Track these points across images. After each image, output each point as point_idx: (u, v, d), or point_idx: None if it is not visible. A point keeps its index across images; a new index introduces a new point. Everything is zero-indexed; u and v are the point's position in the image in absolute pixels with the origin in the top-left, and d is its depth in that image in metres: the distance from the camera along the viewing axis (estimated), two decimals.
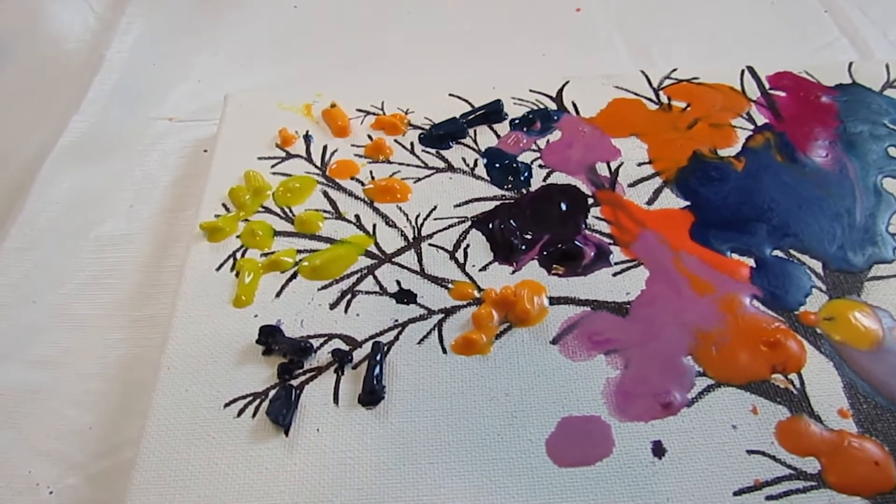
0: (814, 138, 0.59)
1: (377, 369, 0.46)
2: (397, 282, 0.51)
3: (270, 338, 0.47)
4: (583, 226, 0.53)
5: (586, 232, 0.53)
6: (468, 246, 0.53)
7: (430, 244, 0.53)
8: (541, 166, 0.58)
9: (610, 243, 0.52)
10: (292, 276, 0.51)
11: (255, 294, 0.50)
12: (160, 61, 0.76)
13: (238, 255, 0.53)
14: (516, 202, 0.55)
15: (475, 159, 0.59)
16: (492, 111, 0.62)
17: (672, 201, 0.55)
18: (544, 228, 0.53)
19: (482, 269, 0.51)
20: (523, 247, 0.52)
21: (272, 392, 0.45)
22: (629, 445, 0.42)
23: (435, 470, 0.41)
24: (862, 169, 0.56)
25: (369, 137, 0.61)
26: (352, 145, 0.61)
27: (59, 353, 0.51)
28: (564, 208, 0.55)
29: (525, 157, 0.59)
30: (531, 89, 0.64)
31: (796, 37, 0.75)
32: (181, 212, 0.60)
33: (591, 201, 0.55)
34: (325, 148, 0.61)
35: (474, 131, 0.61)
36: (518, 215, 0.54)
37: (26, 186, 0.62)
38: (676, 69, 0.65)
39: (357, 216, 0.55)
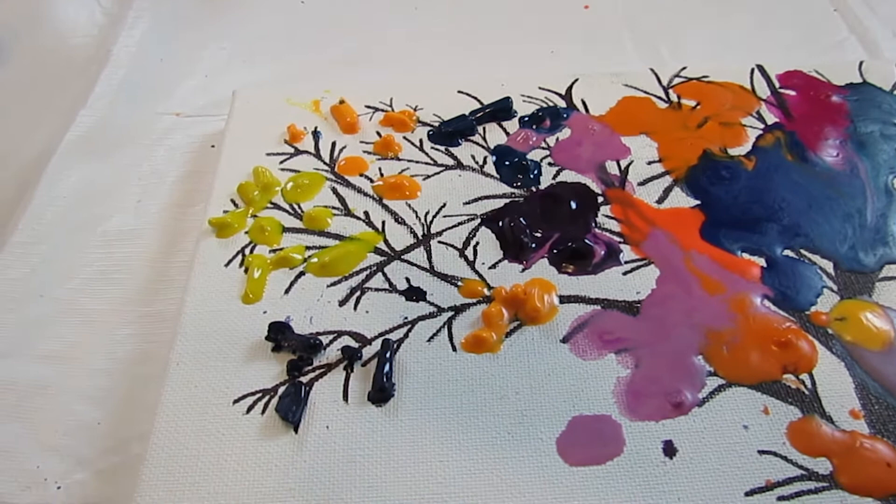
0: (824, 138, 0.59)
1: (387, 367, 0.45)
2: (407, 279, 0.51)
3: (280, 334, 0.47)
4: (593, 224, 0.53)
5: (596, 230, 0.53)
6: (478, 244, 0.52)
7: (440, 241, 0.53)
8: (550, 164, 0.58)
9: (620, 242, 0.52)
10: (301, 273, 0.51)
11: (264, 290, 0.50)
12: (167, 56, 0.76)
13: (247, 251, 0.53)
14: (526, 200, 0.55)
15: (484, 157, 0.59)
16: (501, 108, 0.62)
17: (682, 200, 0.54)
18: (554, 227, 0.53)
19: (492, 267, 0.51)
20: (533, 245, 0.52)
21: (281, 389, 0.45)
22: (640, 445, 0.42)
23: (444, 468, 0.41)
24: (873, 169, 0.56)
25: (378, 134, 0.61)
26: (360, 142, 0.61)
27: (66, 348, 0.51)
28: (574, 206, 0.55)
29: (535, 155, 0.58)
30: (540, 86, 0.64)
31: (805, 35, 0.74)
32: (189, 207, 0.60)
33: (601, 200, 0.55)
34: (333, 144, 0.60)
35: (483, 128, 0.61)
36: (528, 213, 0.54)
37: (34, 181, 0.62)
38: (686, 67, 0.65)
39: (366, 213, 0.55)
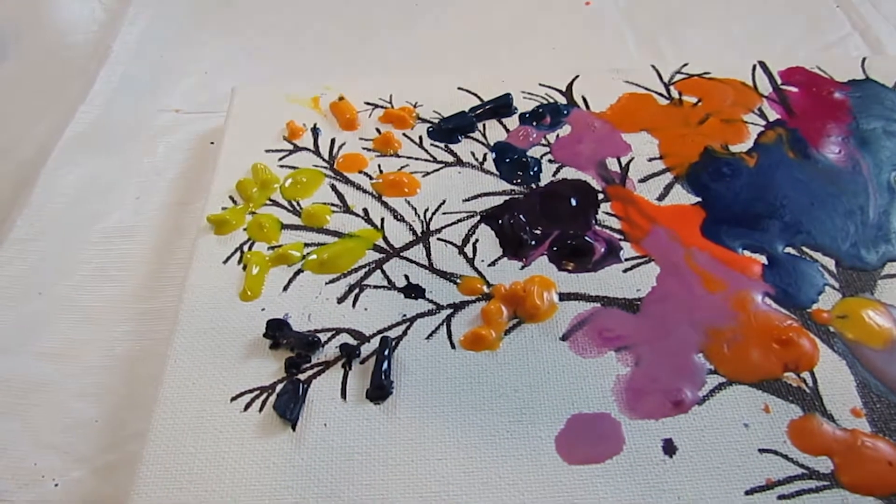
0: (826, 134, 0.58)
1: (385, 364, 0.45)
2: (405, 276, 0.50)
3: (278, 331, 0.47)
4: (593, 221, 0.53)
5: (596, 227, 0.52)
6: (477, 241, 0.52)
7: (439, 239, 0.53)
8: (550, 161, 0.57)
9: (620, 239, 0.52)
10: (299, 270, 0.51)
11: (263, 287, 0.50)
12: (167, 53, 0.76)
13: (245, 248, 0.53)
14: (526, 197, 0.55)
15: (484, 153, 0.58)
16: (501, 105, 0.62)
17: (683, 197, 0.54)
18: (554, 224, 0.53)
19: (491, 265, 0.51)
20: (533, 242, 0.52)
21: (279, 386, 0.45)
22: (639, 443, 0.41)
23: (443, 466, 0.41)
24: (875, 165, 0.56)
25: (377, 131, 0.61)
26: (360, 138, 0.60)
27: (65, 345, 0.51)
28: (574, 203, 0.54)
29: (535, 152, 0.58)
30: (541, 83, 0.64)
31: (807, 32, 0.74)
32: (188, 204, 0.60)
33: (601, 197, 0.55)
34: (332, 141, 0.60)
35: (483, 125, 0.61)
36: (528, 210, 0.54)
37: (33, 178, 0.62)
38: (687, 64, 0.65)
39: (365, 210, 0.55)
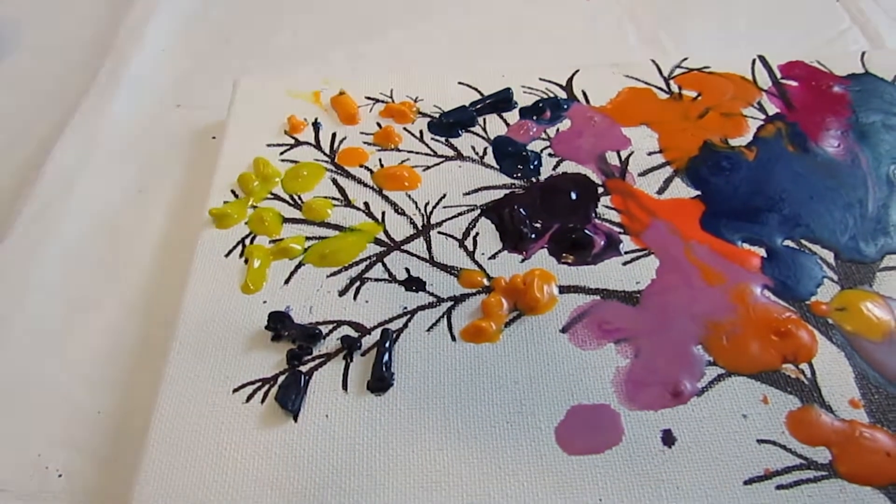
0: (826, 128, 0.58)
1: (386, 356, 0.46)
2: (406, 269, 0.51)
3: (279, 324, 0.47)
4: (593, 215, 0.53)
5: (596, 221, 0.53)
6: (477, 234, 0.52)
7: (440, 232, 0.53)
8: (550, 155, 0.58)
9: (620, 232, 0.52)
10: (301, 263, 0.51)
11: (264, 280, 0.50)
12: (169, 47, 0.76)
13: (247, 241, 0.53)
14: (526, 191, 0.55)
15: (484, 147, 0.59)
16: (501, 99, 0.62)
17: (683, 191, 0.54)
18: (554, 217, 0.53)
19: (491, 258, 0.51)
20: (533, 235, 0.52)
21: (281, 378, 0.45)
22: (639, 434, 0.42)
23: (443, 457, 0.41)
24: (874, 159, 0.56)
25: (378, 125, 0.61)
26: (360, 133, 0.61)
27: (68, 338, 0.51)
28: (574, 197, 0.54)
29: (535, 146, 0.58)
30: (541, 77, 0.64)
31: (807, 26, 0.74)
32: (190, 198, 0.60)
33: (601, 190, 0.55)
34: (333, 135, 0.60)
35: (483, 119, 0.61)
36: (528, 204, 0.54)
37: (36, 172, 0.62)
38: (687, 58, 0.65)
39: (366, 204, 0.55)
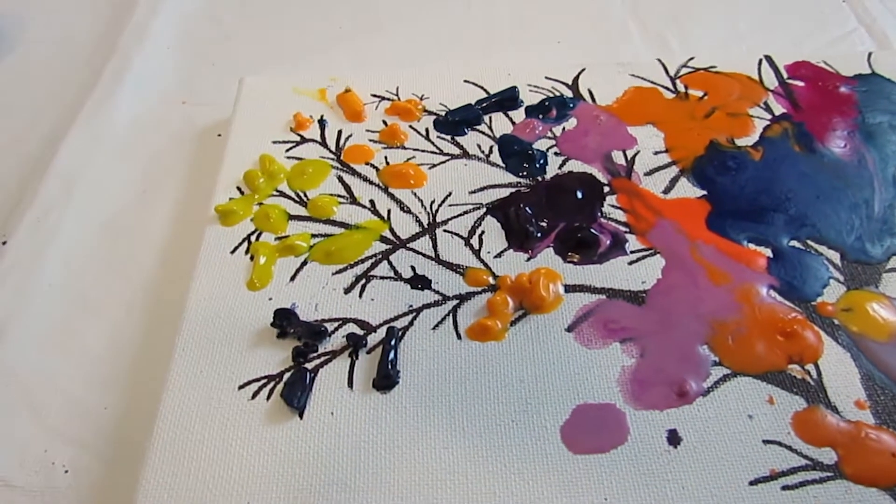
0: (832, 128, 0.58)
1: (392, 354, 0.46)
2: (412, 267, 0.51)
3: (285, 321, 0.47)
4: (598, 214, 0.53)
5: (602, 220, 0.53)
6: (483, 233, 0.52)
7: (445, 230, 0.53)
8: (556, 154, 0.58)
9: (626, 231, 0.52)
10: (306, 261, 0.51)
11: (270, 277, 0.50)
12: (174, 44, 0.76)
13: (253, 238, 0.53)
14: (532, 189, 0.55)
15: (490, 146, 0.59)
16: (507, 98, 0.62)
17: (689, 190, 0.54)
18: (560, 216, 0.53)
19: (497, 256, 0.51)
20: (539, 234, 0.52)
21: (287, 375, 0.45)
22: (644, 433, 0.42)
23: (449, 455, 0.41)
24: (881, 160, 0.56)
25: (384, 123, 0.61)
26: (366, 130, 0.61)
27: (73, 335, 0.51)
28: (580, 196, 0.54)
29: (540, 145, 0.58)
30: (547, 76, 0.64)
31: (814, 26, 0.74)
32: (195, 195, 0.60)
33: (607, 189, 0.55)
34: (339, 133, 0.60)
35: (489, 118, 0.61)
36: (533, 202, 0.54)
37: (40, 171, 0.62)
38: (693, 58, 0.65)
39: (372, 201, 0.55)
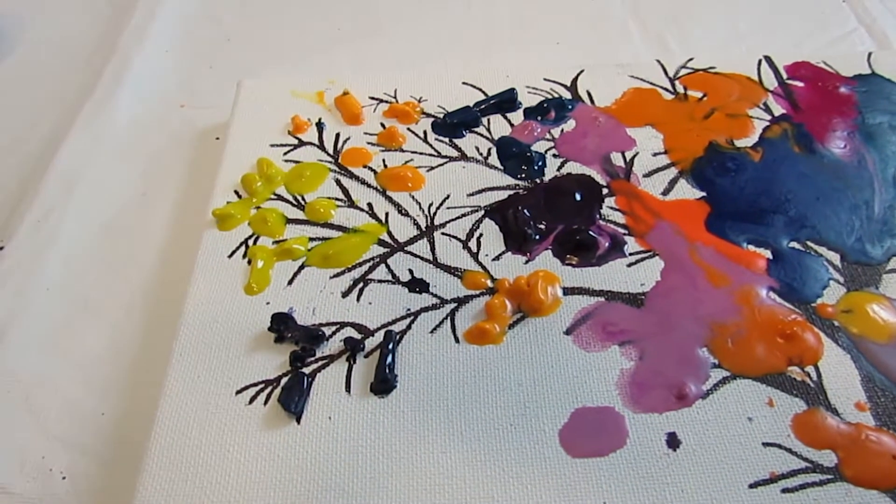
0: (832, 129, 0.58)
1: (389, 358, 0.45)
2: (410, 271, 0.50)
3: (283, 325, 0.47)
4: (597, 216, 0.53)
5: (601, 222, 0.52)
6: (481, 235, 0.52)
7: (443, 233, 0.53)
8: (555, 156, 0.57)
9: (625, 234, 0.52)
10: (304, 264, 0.51)
11: (268, 281, 0.50)
12: (173, 47, 0.76)
13: (250, 242, 0.53)
14: (530, 192, 0.55)
15: (489, 148, 0.58)
16: (505, 100, 0.62)
17: (688, 192, 0.54)
18: (558, 218, 0.53)
19: (495, 259, 0.51)
20: (537, 236, 0.52)
21: (284, 379, 0.45)
22: (643, 437, 0.41)
23: (447, 459, 0.41)
24: (881, 160, 0.56)
25: (382, 125, 0.61)
26: (364, 133, 0.60)
27: (71, 339, 0.51)
28: (579, 198, 0.54)
29: (539, 147, 0.58)
30: (545, 78, 0.64)
31: (813, 26, 0.74)
32: (193, 198, 0.60)
33: (605, 191, 0.55)
34: (337, 135, 0.60)
35: (488, 120, 0.61)
36: (532, 205, 0.54)
37: (39, 173, 0.62)
38: (693, 58, 0.65)
39: (370, 204, 0.55)
